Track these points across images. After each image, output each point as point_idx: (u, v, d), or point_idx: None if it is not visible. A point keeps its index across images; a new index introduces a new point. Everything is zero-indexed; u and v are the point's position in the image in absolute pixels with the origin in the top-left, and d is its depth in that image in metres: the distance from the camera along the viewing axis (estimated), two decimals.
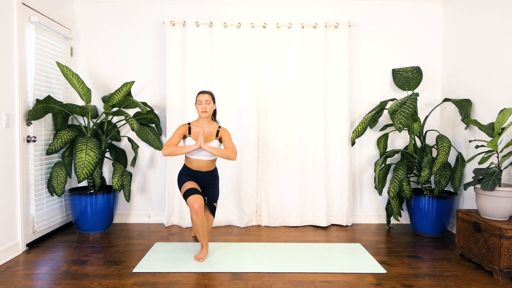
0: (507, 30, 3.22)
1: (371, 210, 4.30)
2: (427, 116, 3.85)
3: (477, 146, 3.10)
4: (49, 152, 3.49)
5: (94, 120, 4.01)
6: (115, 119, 4.13)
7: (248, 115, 4.03)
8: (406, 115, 3.38)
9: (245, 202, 4.06)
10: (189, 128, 3.17)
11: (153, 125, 4.17)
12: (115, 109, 4.00)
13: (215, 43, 4.01)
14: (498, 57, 3.32)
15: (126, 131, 4.20)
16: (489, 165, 3.09)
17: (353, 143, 3.95)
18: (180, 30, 4.05)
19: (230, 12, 4.15)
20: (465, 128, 3.70)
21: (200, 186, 3.20)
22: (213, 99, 3.20)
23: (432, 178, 4.08)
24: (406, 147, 3.88)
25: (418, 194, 3.75)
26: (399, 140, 4.26)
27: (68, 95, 4.04)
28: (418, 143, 4.19)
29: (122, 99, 3.77)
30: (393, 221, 4.26)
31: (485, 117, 3.47)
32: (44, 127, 3.61)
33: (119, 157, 4.10)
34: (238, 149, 4.01)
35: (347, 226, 4.12)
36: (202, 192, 3.19)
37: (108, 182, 4.22)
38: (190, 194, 2.99)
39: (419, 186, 4.04)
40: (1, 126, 3.04)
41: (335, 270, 2.85)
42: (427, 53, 4.22)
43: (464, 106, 3.63)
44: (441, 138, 3.62)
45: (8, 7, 3.11)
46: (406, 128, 4.09)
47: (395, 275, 2.79)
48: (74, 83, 3.58)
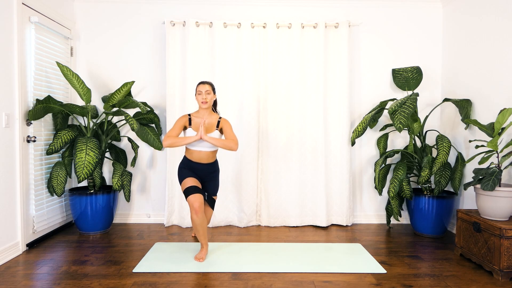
0: (507, 30, 3.22)
1: (371, 210, 4.30)
2: (427, 116, 3.85)
3: (477, 146, 3.10)
4: (49, 152, 3.49)
5: (94, 120, 4.01)
6: (115, 119, 4.13)
7: (248, 115, 4.03)
8: (406, 115, 3.38)
9: (245, 202, 4.07)
10: (190, 119, 3.12)
11: (153, 125, 4.17)
12: (115, 109, 4.00)
13: (215, 43, 4.01)
14: (498, 57, 3.32)
15: (126, 131, 4.20)
16: (489, 165, 3.09)
17: (353, 143, 3.95)
18: (180, 30, 4.05)
19: (230, 12, 4.15)
20: (465, 128, 3.70)
21: (200, 179, 3.17)
22: (213, 90, 3.15)
23: (432, 178, 4.08)
24: (406, 147, 3.88)
25: (418, 194, 3.75)
26: (399, 140, 4.26)
27: (68, 95, 4.04)
28: (418, 143, 4.19)
29: (122, 99, 3.77)
30: (393, 221, 4.26)
31: (485, 117, 3.47)
32: (44, 127, 3.61)
33: (119, 157, 4.10)
34: (238, 149, 4.01)
35: (347, 226, 4.12)
36: (202, 186, 3.17)
37: (108, 182, 4.22)
38: (191, 193, 2.97)
39: (419, 186, 4.04)
40: (1, 126, 3.04)
41: (335, 270, 2.85)
42: (427, 53, 4.22)
43: (464, 106, 3.63)
44: (441, 138, 3.62)
45: (8, 7, 3.11)
46: (406, 128, 4.09)
47: (395, 275, 2.79)
48: (74, 83, 3.58)
